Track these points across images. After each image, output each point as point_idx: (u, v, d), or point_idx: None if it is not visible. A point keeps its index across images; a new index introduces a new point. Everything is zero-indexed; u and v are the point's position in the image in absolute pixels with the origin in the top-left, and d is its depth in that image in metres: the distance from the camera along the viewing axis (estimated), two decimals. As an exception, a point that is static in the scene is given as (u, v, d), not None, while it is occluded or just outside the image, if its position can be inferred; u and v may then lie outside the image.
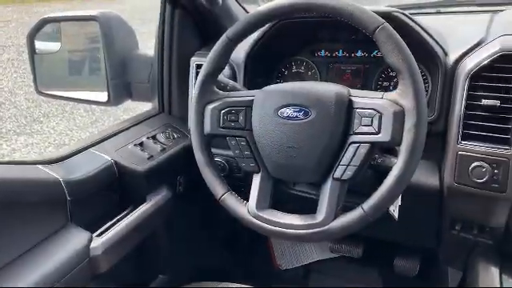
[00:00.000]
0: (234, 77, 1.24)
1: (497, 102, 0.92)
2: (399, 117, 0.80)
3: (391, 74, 1.18)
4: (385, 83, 1.19)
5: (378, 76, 1.19)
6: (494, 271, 0.99)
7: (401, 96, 0.81)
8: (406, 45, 0.82)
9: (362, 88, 1.20)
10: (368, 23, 0.82)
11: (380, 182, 0.83)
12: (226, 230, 1.66)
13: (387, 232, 1.32)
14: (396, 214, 1.00)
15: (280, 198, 1.00)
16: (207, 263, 1.59)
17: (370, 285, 1.65)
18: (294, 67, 1.30)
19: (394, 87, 1.12)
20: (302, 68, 1.29)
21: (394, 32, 0.82)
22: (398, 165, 0.80)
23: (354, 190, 0.89)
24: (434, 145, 1.04)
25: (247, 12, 1.41)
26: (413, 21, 1.04)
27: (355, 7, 0.83)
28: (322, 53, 1.26)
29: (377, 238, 1.50)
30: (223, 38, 0.94)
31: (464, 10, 1.49)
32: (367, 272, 1.67)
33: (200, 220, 1.50)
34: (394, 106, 0.81)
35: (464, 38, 1.05)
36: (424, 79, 1.12)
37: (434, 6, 1.52)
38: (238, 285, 1.11)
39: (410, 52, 0.81)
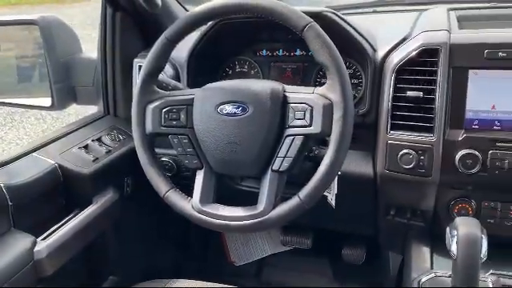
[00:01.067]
0: (177, 77, 1.26)
1: (420, 94, 0.99)
2: (328, 109, 0.86)
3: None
4: (323, 80, 1.25)
5: (316, 73, 1.25)
6: (426, 251, 1.06)
7: (329, 90, 0.87)
8: (332, 43, 0.87)
9: (302, 85, 1.26)
10: (297, 22, 0.87)
11: None
12: (179, 228, 1.67)
13: (331, 222, 1.39)
14: (333, 203, 1.06)
15: (228, 193, 1.03)
16: (160, 263, 1.60)
17: (320, 274, 1.71)
18: (238, 67, 1.33)
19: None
20: (246, 67, 1.33)
21: (321, 30, 0.87)
22: (328, 154, 0.85)
23: (294, 182, 0.93)
24: (367, 136, 1.11)
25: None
26: (343, 20, 1.10)
27: (285, 7, 0.88)
28: (264, 52, 1.31)
29: (324, 229, 1.56)
30: (161, 38, 0.96)
31: (397, 9, 1.58)
32: (317, 262, 1.74)
33: (151, 220, 1.51)
34: (323, 99, 0.86)
35: (391, 35, 1.12)
36: (358, 75, 1.19)
37: (370, 6, 1.61)
38: (188, 281, 1.13)
39: (336, 49, 0.87)
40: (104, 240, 1.24)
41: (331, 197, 1.06)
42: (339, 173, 1.05)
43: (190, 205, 0.95)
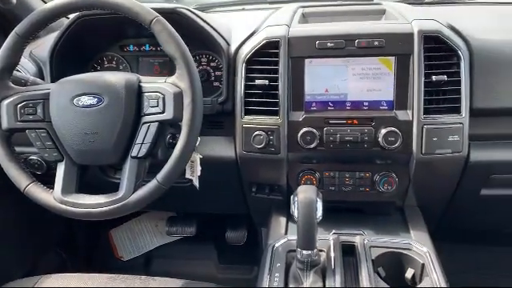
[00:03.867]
0: (41, 74, 1.26)
1: (266, 82, 1.11)
2: (178, 97, 0.94)
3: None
4: None
5: None
6: (283, 220, 1.19)
7: (179, 79, 0.95)
8: (178, 35, 0.95)
9: None
10: (144, 17, 0.94)
11: None
12: (62, 228, 1.65)
13: (208, 206, 1.48)
14: (197, 184, 1.15)
15: (105, 186, 1.05)
16: (42, 263, 1.57)
17: (206, 259, 1.80)
18: (106, 62, 1.36)
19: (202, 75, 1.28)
20: (114, 63, 1.36)
21: (168, 24, 0.95)
22: (181, 137, 0.94)
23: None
24: (228, 122, 1.21)
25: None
26: (198, 16, 1.19)
27: (133, 3, 0.95)
28: (131, 48, 1.35)
29: (206, 214, 1.65)
30: (12, 34, 0.97)
31: (262, 7, 1.72)
32: (204, 248, 1.83)
33: (26, 220, 1.47)
34: (174, 88, 0.94)
35: (244, 30, 1.23)
36: (220, 67, 1.29)
37: (239, 4, 1.73)
38: (61, 274, 1.14)
39: (182, 41, 0.96)
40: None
41: (195, 179, 1.15)
42: (201, 156, 1.15)
43: (52, 196, 0.97)
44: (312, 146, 1.09)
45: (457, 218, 1.32)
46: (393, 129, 1.07)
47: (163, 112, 0.95)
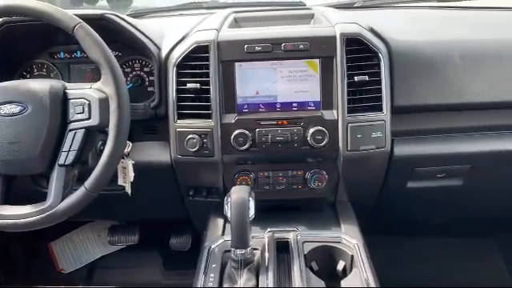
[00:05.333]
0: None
1: (197, 85, 1.13)
2: (104, 102, 0.94)
3: (126, 70, 1.31)
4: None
5: None
6: (220, 222, 1.20)
7: (104, 85, 0.95)
8: (102, 41, 0.95)
9: None
10: (67, 23, 0.94)
11: None
12: None
13: (147, 212, 1.47)
14: (129, 191, 1.14)
15: (37, 196, 1.02)
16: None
17: (151, 266, 1.78)
18: (36, 70, 1.33)
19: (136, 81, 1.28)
20: (44, 70, 1.33)
21: (91, 30, 0.95)
22: (108, 143, 0.94)
23: None
24: (162, 127, 1.22)
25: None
26: (127, 22, 1.18)
27: (55, 9, 0.94)
28: (61, 54, 1.32)
29: (147, 221, 1.63)
30: None
31: (199, 13, 1.73)
32: (148, 256, 1.81)
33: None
34: (100, 93, 0.94)
35: (175, 35, 1.24)
36: (154, 72, 1.28)
37: (175, 10, 1.73)
38: None
39: (106, 47, 0.95)
40: None
41: (127, 186, 1.14)
42: (133, 162, 1.14)
43: None
44: (245, 147, 1.12)
45: (387, 210, 1.39)
46: (320, 128, 1.11)
47: (89, 118, 0.94)
